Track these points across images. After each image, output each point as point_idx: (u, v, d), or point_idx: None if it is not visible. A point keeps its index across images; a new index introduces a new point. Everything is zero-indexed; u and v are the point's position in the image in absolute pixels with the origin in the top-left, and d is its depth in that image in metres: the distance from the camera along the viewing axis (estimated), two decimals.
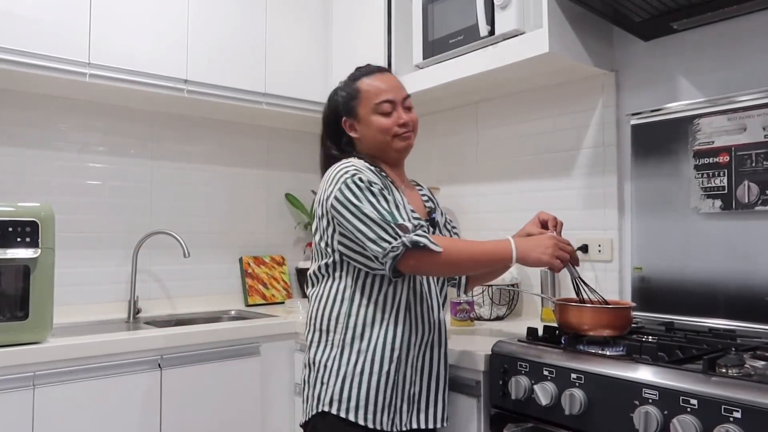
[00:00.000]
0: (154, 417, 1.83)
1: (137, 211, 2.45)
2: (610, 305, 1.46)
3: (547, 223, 1.53)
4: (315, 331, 1.42)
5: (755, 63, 1.67)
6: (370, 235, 1.29)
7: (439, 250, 1.28)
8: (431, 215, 1.57)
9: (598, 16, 1.79)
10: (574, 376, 1.28)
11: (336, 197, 1.34)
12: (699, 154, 1.72)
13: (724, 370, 1.14)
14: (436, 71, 2.10)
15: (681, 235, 1.75)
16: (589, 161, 2.04)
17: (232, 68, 2.35)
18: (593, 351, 1.35)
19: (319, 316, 1.41)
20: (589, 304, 1.45)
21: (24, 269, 1.64)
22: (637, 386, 1.16)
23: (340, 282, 1.40)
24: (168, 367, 1.86)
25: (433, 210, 1.59)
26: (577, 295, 1.49)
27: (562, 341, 1.47)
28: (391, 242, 1.27)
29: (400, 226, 1.29)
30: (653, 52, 1.89)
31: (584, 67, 1.92)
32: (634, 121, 1.88)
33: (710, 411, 1.05)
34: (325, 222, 1.40)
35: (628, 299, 1.89)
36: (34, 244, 1.65)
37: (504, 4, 1.83)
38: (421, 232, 1.29)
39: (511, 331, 1.81)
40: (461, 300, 1.91)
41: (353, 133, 1.51)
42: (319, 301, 1.42)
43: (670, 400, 1.10)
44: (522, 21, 1.82)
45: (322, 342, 1.40)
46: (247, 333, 2.05)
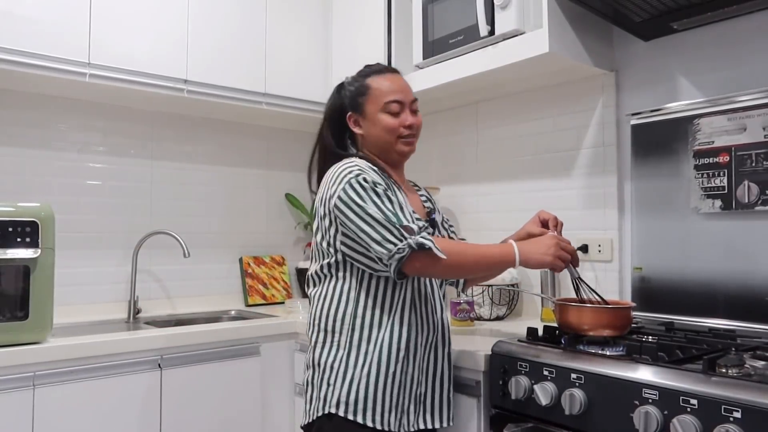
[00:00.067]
0: (154, 417, 1.83)
1: (137, 211, 2.45)
2: (610, 305, 1.46)
3: (548, 223, 1.53)
4: (320, 332, 1.40)
5: (755, 63, 1.67)
6: (375, 236, 1.28)
7: (444, 256, 1.28)
8: (430, 216, 1.57)
9: (598, 16, 1.79)
10: (574, 376, 1.28)
11: (340, 197, 1.33)
12: (699, 154, 1.72)
13: (724, 370, 1.14)
14: (436, 71, 2.10)
15: (681, 235, 1.75)
16: (589, 161, 2.04)
17: (232, 68, 2.35)
18: (593, 351, 1.35)
19: (323, 317, 1.40)
20: (589, 304, 1.45)
21: (24, 269, 1.64)
22: (637, 386, 1.16)
23: (344, 282, 1.39)
24: (168, 367, 1.86)
25: (432, 211, 1.59)
26: (577, 295, 1.49)
27: (562, 341, 1.47)
28: (396, 244, 1.27)
29: (406, 228, 1.28)
30: (653, 52, 1.89)
31: (584, 67, 1.92)
32: (634, 121, 1.89)
33: (710, 411, 1.05)
34: (327, 221, 1.39)
35: (628, 299, 1.90)
36: (34, 244, 1.65)
37: (504, 4, 1.83)
38: (426, 235, 1.29)
39: (511, 331, 1.81)
40: (461, 300, 1.91)
41: (357, 129, 1.50)
42: (323, 302, 1.41)
43: (670, 400, 1.10)
44: (522, 21, 1.82)
45: (327, 342, 1.39)
46: (247, 333, 2.05)
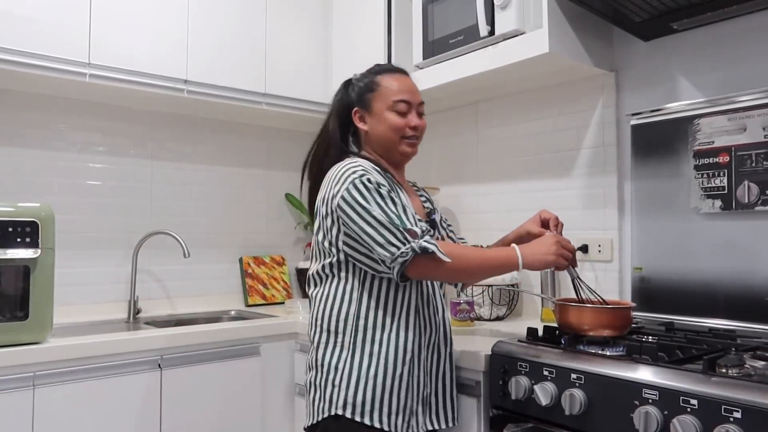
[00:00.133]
0: (154, 417, 1.83)
1: (137, 211, 2.45)
2: (610, 305, 1.46)
3: (548, 223, 1.53)
4: (322, 332, 1.40)
5: (755, 63, 1.67)
6: (378, 239, 1.28)
7: (448, 260, 1.28)
8: (430, 216, 1.57)
9: (598, 16, 1.79)
10: (574, 376, 1.28)
11: (343, 197, 1.32)
12: (699, 154, 1.72)
13: (724, 370, 1.14)
14: (436, 71, 2.10)
15: (681, 235, 1.75)
16: (589, 161, 2.04)
17: (232, 68, 2.35)
18: (593, 351, 1.35)
19: (325, 317, 1.39)
20: (589, 305, 1.45)
21: (24, 269, 1.64)
22: (637, 386, 1.16)
23: (346, 283, 1.38)
24: (168, 367, 1.86)
25: (432, 211, 1.59)
26: (577, 296, 1.50)
27: (562, 341, 1.47)
28: (399, 247, 1.27)
29: (409, 231, 1.28)
30: (653, 52, 1.89)
31: (584, 67, 1.92)
32: (634, 121, 1.89)
33: (710, 411, 1.05)
34: (329, 221, 1.38)
35: (628, 299, 1.90)
36: (34, 244, 1.65)
37: (504, 4, 1.83)
38: (429, 238, 1.29)
39: (511, 331, 1.81)
40: (461, 300, 1.91)
41: (362, 125, 1.49)
42: (325, 302, 1.40)
43: (670, 400, 1.10)
44: (522, 21, 1.82)
45: (330, 343, 1.38)
46: (247, 333, 2.05)
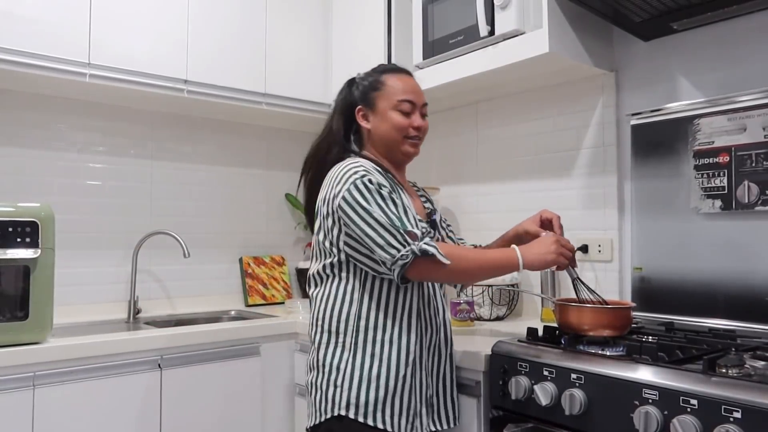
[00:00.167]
0: (154, 417, 1.83)
1: (137, 211, 2.45)
2: (610, 305, 1.46)
3: (550, 222, 1.53)
4: (323, 333, 1.39)
5: (755, 63, 1.67)
6: (379, 240, 1.28)
7: (448, 263, 1.28)
8: (431, 217, 1.57)
9: (598, 16, 1.79)
10: (574, 376, 1.28)
11: (344, 197, 1.32)
12: (699, 154, 1.72)
13: (724, 370, 1.14)
14: (436, 71, 2.10)
15: (681, 235, 1.75)
16: (589, 161, 2.04)
17: (232, 68, 2.35)
18: (593, 351, 1.35)
19: (326, 317, 1.39)
20: (589, 305, 1.45)
21: (24, 269, 1.64)
22: (637, 386, 1.16)
23: (347, 283, 1.38)
24: (168, 367, 1.86)
25: (432, 212, 1.59)
26: (577, 296, 1.50)
27: (562, 341, 1.47)
28: (400, 249, 1.26)
29: (409, 233, 1.28)
30: (653, 52, 1.89)
31: (584, 67, 1.92)
32: (634, 121, 1.88)
33: (710, 411, 1.05)
34: (330, 221, 1.38)
35: (628, 299, 1.90)
36: (34, 244, 1.65)
37: (504, 4, 1.83)
38: (429, 240, 1.29)
39: (511, 331, 1.81)
40: (461, 300, 1.91)
41: (365, 123, 1.49)
42: (326, 302, 1.40)
43: (670, 400, 1.10)
44: (522, 21, 1.82)
45: (332, 343, 1.37)
46: (247, 333, 2.05)
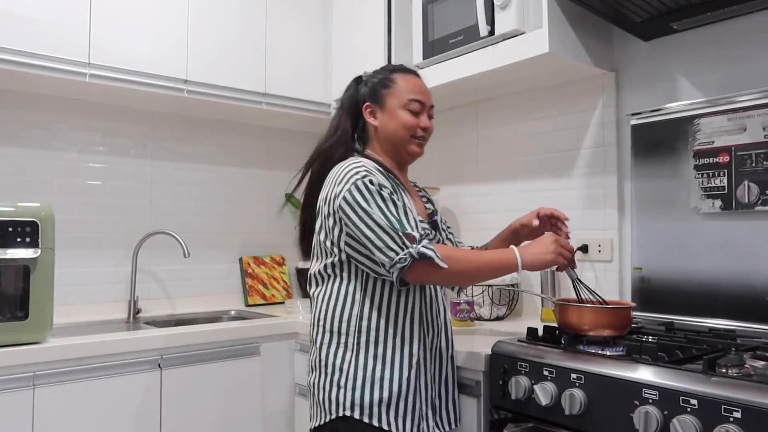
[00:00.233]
0: (154, 417, 1.83)
1: (137, 211, 2.45)
2: (610, 305, 1.46)
3: (548, 218, 1.54)
4: (324, 333, 1.39)
5: (755, 63, 1.67)
6: (377, 243, 1.27)
7: (446, 266, 1.28)
8: (432, 218, 1.56)
9: (598, 16, 1.79)
10: (574, 376, 1.28)
11: (345, 198, 1.32)
12: (699, 154, 1.72)
13: (724, 370, 1.14)
14: (436, 71, 2.09)
15: (681, 235, 1.75)
16: (589, 161, 2.04)
17: (232, 68, 2.35)
18: (593, 351, 1.35)
19: (328, 317, 1.38)
20: (589, 305, 1.45)
21: (24, 269, 1.64)
22: (637, 386, 1.16)
23: (349, 283, 1.38)
24: (168, 367, 1.86)
25: (434, 212, 1.58)
26: (577, 297, 1.50)
27: (562, 341, 1.47)
28: (398, 252, 1.26)
29: (408, 236, 1.27)
30: (653, 52, 1.89)
31: (584, 67, 1.92)
32: (634, 121, 1.88)
33: (710, 411, 1.05)
34: (331, 221, 1.37)
35: (628, 299, 1.90)
36: (34, 244, 1.65)
37: (504, 4, 1.83)
38: (427, 243, 1.28)
39: (511, 330, 1.81)
40: (461, 300, 1.91)
41: (372, 120, 1.48)
42: (327, 302, 1.39)
43: (670, 400, 1.10)
44: (522, 21, 1.82)
45: (333, 344, 1.37)
46: (247, 333, 2.05)
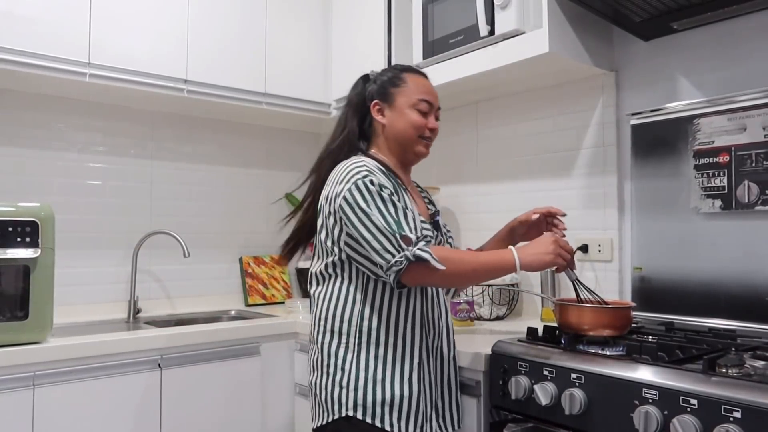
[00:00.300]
0: (154, 417, 1.83)
1: (137, 211, 2.45)
2: (610, 305, 1.46)
3: (546, 218, 1.54)
4: (326, 332, 1.38)
5: (755, 63, 1.67)
6: (375, 244, 1.27)
7: (442, 268, 1.27)
8: (434, 218, 1.56)
9: (598, 16, 1.79)
10: (574, 376, 1.28)
11: (345, 198, 1.32)
12: (699, 154, 1.72)
13: (724, 370, 1.14)
14: (436, 71, 2.09)
15: (681, 235, 1.75)
16: (589, 161, 2.04)
17: (232, 68, 2.35)
18: (593, 351, 1.35)
19: (329, 317, 1.38)
20: (589, 304, 1.45)
21: (24, 269, 1.64)
22: (637, 386, 1.16)
23: (350, 283, 1.37)
24: (168, 367, 1.86)
25: (436, 213, 1.58)
26: (578, 297, 1.49)
27: (562, 341, 1.47)
28: (394, 255, 1.26)
29: (404, 238, 1.27)
30: (653, 52, 1.89)
31: (584, 67, 1.92)
32: (634, 121, 1.88)
33: (710, 411, 1.05)
34: (332, 221, 1.37)
35: (628, 299, 1.89)
36: (34, 244, 1.65)
37: (504, 4, 1.83)
38: (423, 246, 1.27)
39: (511, 330, 1.81)
40: (461, 300, 1.91)
41: (380, 118, 1.48)
42: (328, 302, 1.39)
43: (670, 400, 1.10)
44: (522, 21, 1.82)
45: (334, 343, 1.36)
46: (247, 333, 2.05)
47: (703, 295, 1.69)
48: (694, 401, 1.07)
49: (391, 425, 1.31)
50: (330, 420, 1.34)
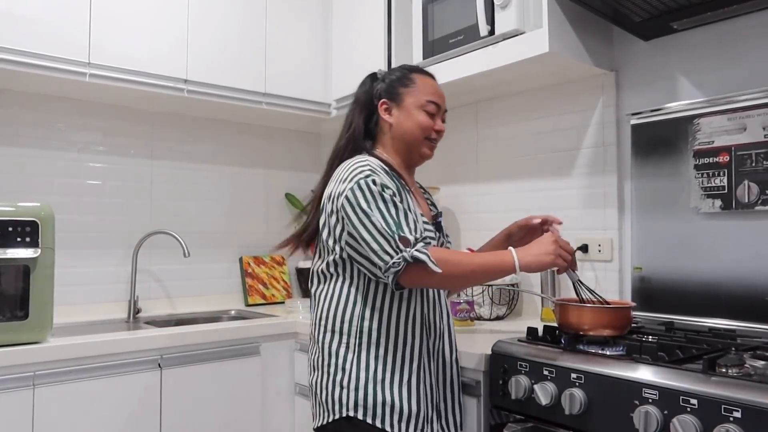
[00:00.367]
0: (154, 417, 1.83)
1: (137, 211, 2.45)
2: (610, 305, 1.46)
3: (540, 225, 1.54)
4: (326, 332, 1.38)
5: (755, 63, 1.67)
6: (373, 245, 1.27)
7: (439, 270, 1.25)
8: (436, 219, 1.56)
9: (598, 16, 1.79)
10: (574, 375, 1.28)
11: (347, 197, 1.32)
12: (699, 154, 1.72)
13: (724, 370, 1.14)
14: (436, 71, 2.06)
15: (681, 235, 1.75)
16: (589, 161, 2.04)
17: (232, 68, 2.35)
18: (593, 351, 1.35)
19: (330, 317, 1.38)
20: (589, 304, 1.44)
21: (24, 269, 1.64)
22: (637, 386, 1.16)
23: (351, 283, 1.37)
24: (168, 366, 1.86)
25: (439, 214, 1.58)
26: (579, 298, 1.49)
27: (562, 341, 1.47)
28: (392, 256, 1.25)
29: (402, 239, 1.26)
30: (653, 52, 1.89)
31: (584, 67, 1.92)
32: (634, 121, 1.88)
33: (710, 411, 1.05)
34: (334, 219, 1.37)
35: (628, 299, 1.90)
36: (34, 244, 1.65)
37: (504, 4, 1.83)
38: (422, 247, 1.27)
39: (511, 330, 1.81)
40: (461, 300, 1.91)
41: (387, 117, 1.47)
42: (329, 301, 1.39)
43: (670, 400, 1.10)
44: (522, 21, 1.82)
45: (335, 343, 1.36)
46: (247, 333, 2.05)
47: (703, 295, 1.69)
48: (694, 401, 1.07)
49: (392, 426, 1.31)
50: (331, 420, 1.34)
